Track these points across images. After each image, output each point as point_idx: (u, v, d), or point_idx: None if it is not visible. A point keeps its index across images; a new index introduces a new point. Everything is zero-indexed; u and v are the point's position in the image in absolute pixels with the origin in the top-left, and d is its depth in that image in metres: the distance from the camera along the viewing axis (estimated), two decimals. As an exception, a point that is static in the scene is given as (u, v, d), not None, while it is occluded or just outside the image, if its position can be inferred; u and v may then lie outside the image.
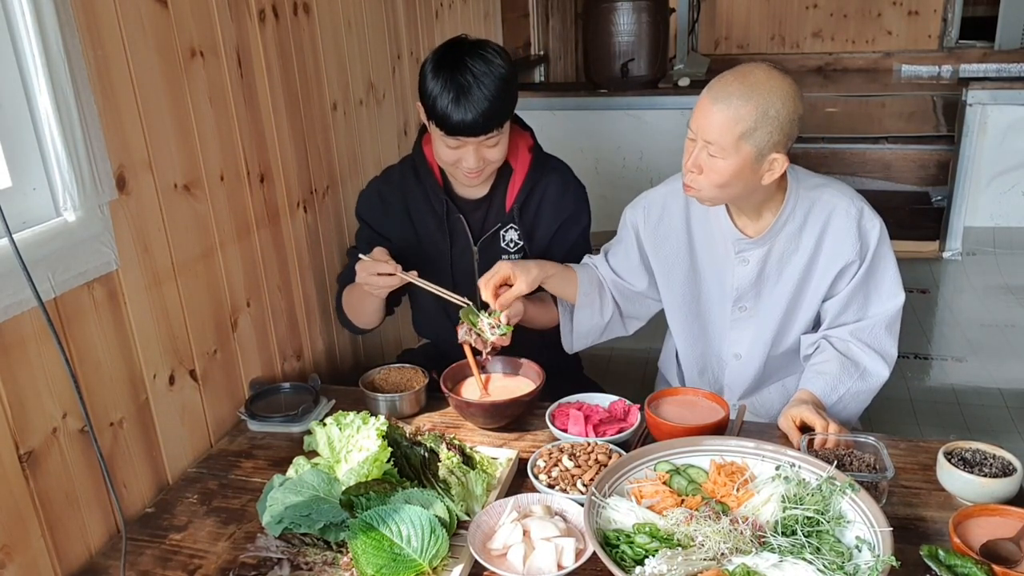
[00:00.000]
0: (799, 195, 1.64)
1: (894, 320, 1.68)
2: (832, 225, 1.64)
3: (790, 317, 1.74)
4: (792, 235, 1.66)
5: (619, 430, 1.54)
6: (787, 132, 1.50)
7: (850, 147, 4.81)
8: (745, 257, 1.69)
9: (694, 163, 1.55)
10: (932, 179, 4.69)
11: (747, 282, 1.72)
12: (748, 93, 1.47)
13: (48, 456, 1.28)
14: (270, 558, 1.25)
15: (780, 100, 1.48)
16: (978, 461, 1.35)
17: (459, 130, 1.66)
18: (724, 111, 1.48)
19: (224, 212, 1.70)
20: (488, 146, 1.72)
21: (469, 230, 1.90)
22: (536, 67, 5.26)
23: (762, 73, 1.50)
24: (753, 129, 1.47)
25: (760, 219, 1.67)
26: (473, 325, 1.66)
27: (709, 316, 1.82)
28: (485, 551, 1.23)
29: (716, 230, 1.72)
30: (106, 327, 1.39)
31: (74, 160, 1.28)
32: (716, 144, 1.50)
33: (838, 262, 1.64)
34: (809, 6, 6.83)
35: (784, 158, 1.53)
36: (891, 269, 1.67)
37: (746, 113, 1.46)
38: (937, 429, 2.81)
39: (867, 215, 1.64)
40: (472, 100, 1.63)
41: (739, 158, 1.50)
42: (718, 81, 1.52)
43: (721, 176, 1.52)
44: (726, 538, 1.16)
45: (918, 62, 6.56)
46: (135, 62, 1.42)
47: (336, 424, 1.46)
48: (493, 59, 1.67)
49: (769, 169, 1.53)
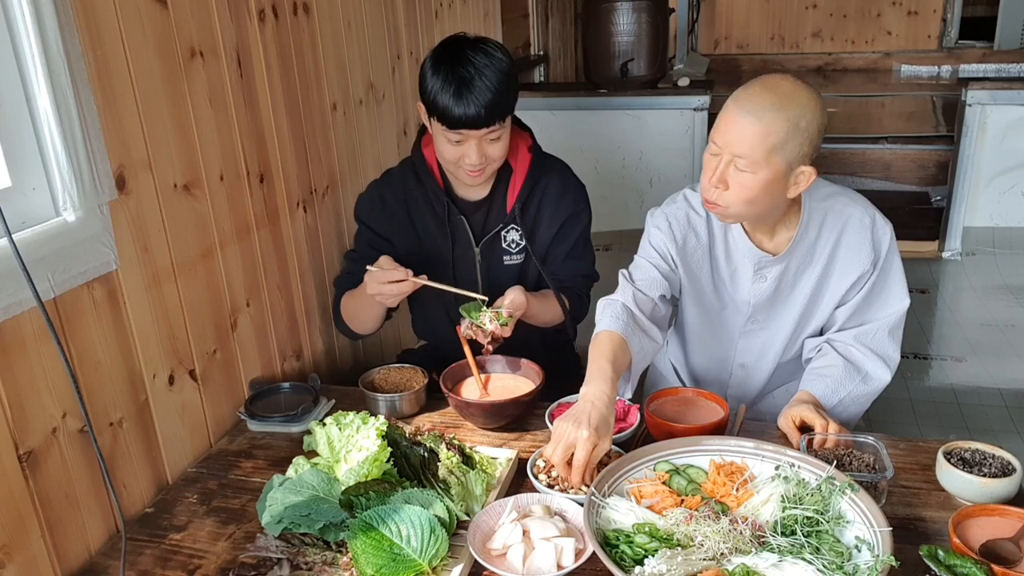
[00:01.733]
0: (812, 207, 1.62)
1: (898, 324, 1.67)
2: (846, 236, 1.62)
3: (802, 327, 1.73)
4: (807, 248, 1.64)
5: (619, 430, 1.54)
6: (815, 144, 1.47)
7: (850, 147, 4.81)
8: (763, 275, 1.67)
9: (719, 178, 1.50)
10: (932, 179, 4.69)
11: (763, 298, 1.70)
12: (780, 105, 1.43)
13: (48, 456, 1.28)
14: (270, 558, 1.25)
15: (810, 112, 1.45)
16: (977, 461, 1.35)
17: (462, 123, 1.66)
18: (755, 124, 1.43)
19: (224, 212, 1.70)
20: (490, 140, 1.72)
21: (470, 231, 1.90)
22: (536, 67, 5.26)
23: (790, 85, 1.47)
24: (784, 142, 1.44)
25: (776, 235, 1.65)
26: (474, 319, 1.66)
27: (722, 329, 1.81)
28: (485, 551, 1.23)
29: (735, 248, 1.69)
30: (106, 327, 1.39)
31: (74, 160, 1.28)
32: (747, 158, 1.45)
33: (853, 272, 1.63)
34: (809, 6, 6.83)
35: (812, 171, 1.49)
36: (898, 274, 1.66)
37: (778, 126, 1.43)
38: (937, 429, 2.81)
39: (879, 223, 1.63)
40: (474, 92, 1.63)
41: (769, 171, 1.46)
42: (745, 93, 1.48)
43: (750, 191, 1.48)
44: (726, 538, 1.16)
45: (918, 62, 6.56)
46: (135, 62, 1.42)
47: (336, 424, 1.46)
48: (494, 52, 1.68)
49: (795, 183, 1.50)
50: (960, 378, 3.18)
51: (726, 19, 7.00)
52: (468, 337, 1.69)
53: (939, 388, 3.11)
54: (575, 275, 1.94)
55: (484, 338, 1.66)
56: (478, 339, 1.67)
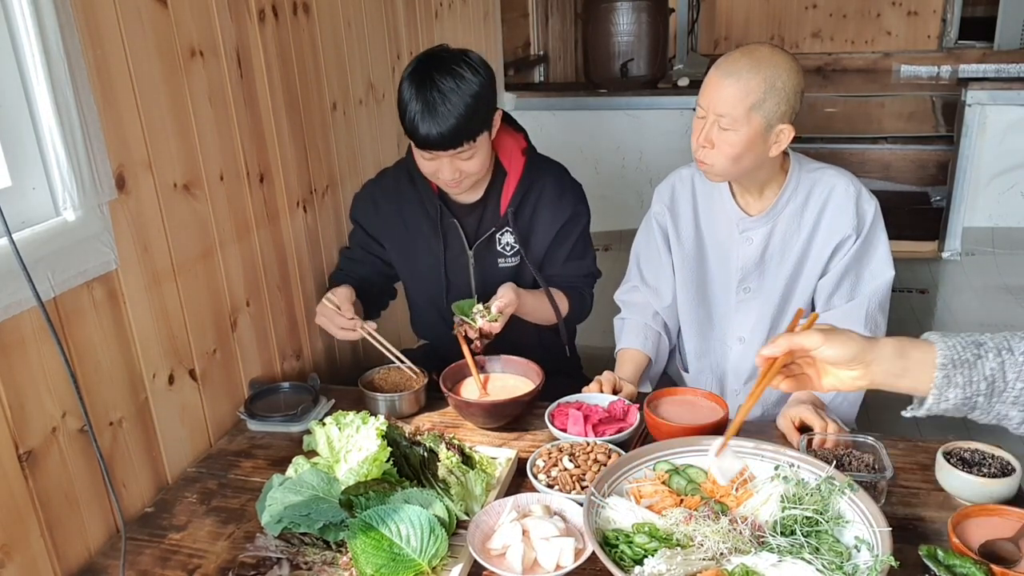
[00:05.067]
0: (800, 176, 1.72)
1: (885, 298, 1.72)
2: (831, 202, 1.70)
3: (789, 295, 1.77)
4: (794, 214, 1.72)
5: (618, 430, 1.54)
6: (792, 104, 1.59)
7: (849, 147, 4.82)
8: (749, 236, 1.75)
9: (705, 138, 1.61)
10: (931, 179, 4.69)
11: (751, 261, 1.76)
12: (756, 66, 1.56)
13: (47, 456, 1.28)
14: (269, 558, 1.25)
15: (786, 73, 1.56)
16: (977, 461, 1.35)
17: (427, 144, 1.66)
18: (734, 84, 1.56)
19: (224, 212, 1.70)
20: (463, 159, 1.71)
21: (463, 234, 1.89)
22: (536, 67, 5.26)
23: (767, 49, 1.59)
24: (762, 100, 1.55)
25: (762, 197, 1.73)
26: (465, 316, 1.68)
27: (714, 300, 1.85)
28: (484, 551, 1.23)
29: (720, 211, 1.78)
30: (106, 327, 1.39)
31: (73, 160, 1.28)
32: (727, 116, 1.57)
33: (835, 237, 1.70)
34: (808, 6, 6.84)
35: (790, 128, 1.60)
36: (883, 246, 1.71)
37: (755, 85, 1.55)
38: (936, 429, 2.80)
39: (864, 195, 1.71)
40: (438, 116, 1.62)
41: (749, 129, 1.57)
42: (725, 58, 1.60)
43: (733, 148, 1.59)
44: (725, 538, 1.16)
45: (917, 62, 6.57)
46: (135, 62, 1.42)
47: (335, 424, 1.46)
48: (464, 73, 1.64)
49: (776, 141, 1.61)
50: (959, 378, 3.17)
51: (726, 19, 7.00)
52: (460, 334, 1.69)
53: (939, 388, 3.10)
54: (577, 275, 1.94)
55: (473, 333, 1.67)
56: (468, 335, 1.68)
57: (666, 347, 1.92)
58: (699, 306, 1.86)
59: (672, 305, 1.89)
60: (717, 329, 1.87)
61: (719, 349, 1.88)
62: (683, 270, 1.85)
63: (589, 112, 4.49)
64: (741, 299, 1.80)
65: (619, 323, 1.93)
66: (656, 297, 1.89)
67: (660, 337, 1.89)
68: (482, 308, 1.69)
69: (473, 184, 1.81)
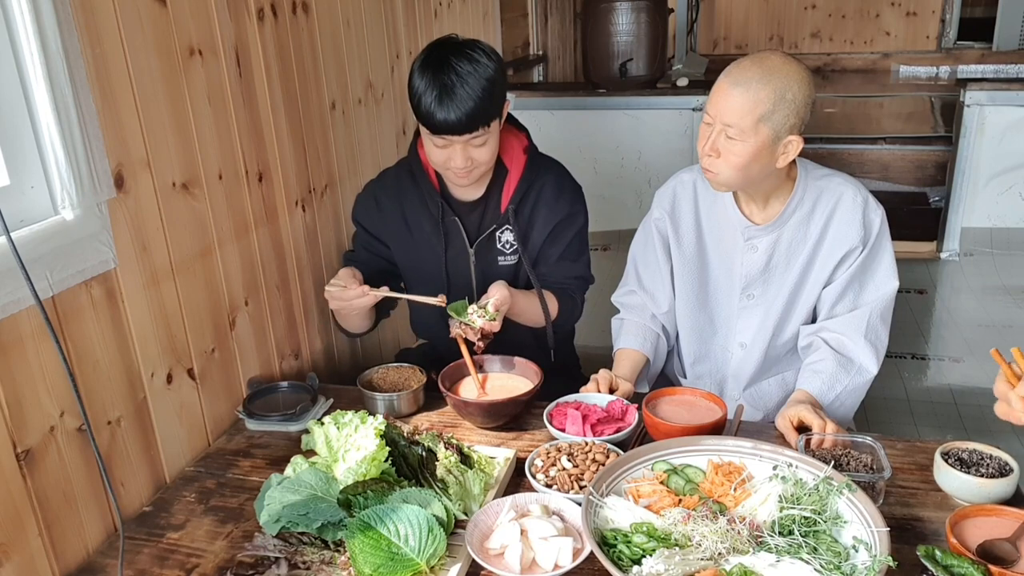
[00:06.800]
0: (808, 184, 1.69)
1: (887, 308, 1.71)
2: (838, 212, 1.68)
3: (793, 302, 1.76)
4: (801, 223, 1.70)
5: (617, 430, 1.54)
6: (802, 115, 1.56)
7: (848, 147, 4.82)
8: (754, 244, 1.73)
9: (711, 147, 1.59)
10: (930, 180, 4.69)
11: (756, 269, 1.75)
12: (766, 77, 1.52)
13: (46, 455, 1.28)
14: (268, 557, 1.25)
15: (796, 84, 1.53)
16: (975, 461, 1.36)
17: (444, 129, 1.66)
18: (743, 94, 1.52)
19: (222, 211, 1.70)
20: (475, 145, 1.71)
21: (464, 232, 1.89)
22: (535, 67, 5.26)
23: (778, 58, 1.56)
24: (771, 112, 1.52)
25: (768, 207, 1.72)
26: (462, 318, 1.67)
27: (716, 306, 1.84)
28: (483, 550, 1.23)
29: (723, 217, 1.76)
30: (104, 326, 1.39)
31: (72, 159, 1.28)
32: (735, 127, 1.54)
33: (842, 248, 1.68)
34: (807, 6, 6.83)
35: (799, 140, 1.58)
36: (888, 257, 1.70)
37: (765, 96, 1.52)
38: (934, 429, 2.81)
39: (871, 204, 1.69)
40: (456, 99, 1.63)
41: (757, 140, 1.54)
42: (736, 66, 1.57)
43: (740, 158, 1.56)
44: (723, 538, 1.16)
45: (916, 63, 6.56)
46: (134, 61, 1.42)
47: (334, 423, 1.46)
48: (479, 58, 1.66)
49: (784, 152, 1.58)
50: (958, 378, 3.18)
51: (725, 19, 6.99)
52: (460, 336, 1.69)
53: (937, 388, 3.11)
54: (568, 277, 1.94)
55: (474, 335, 1.67)
56: (469, 337, 1.68)
57: (664, 348, 1.91)
58: (700, 311, 1.85)
59: (670, 311, 1.88)
60: (718, 334, 1.86)
61: (720, 354, 1.88)
62: (684, 275, 1.84)
63: (588, 112, 4.49)
64: (744, 305, 1.79)
65: (617, 323, 1.93)
66: (653, 302, 1.88)
67: (659, 338, 1.89)
68: (478, 308, 1.69)
69: (480, 176, 1.82)
